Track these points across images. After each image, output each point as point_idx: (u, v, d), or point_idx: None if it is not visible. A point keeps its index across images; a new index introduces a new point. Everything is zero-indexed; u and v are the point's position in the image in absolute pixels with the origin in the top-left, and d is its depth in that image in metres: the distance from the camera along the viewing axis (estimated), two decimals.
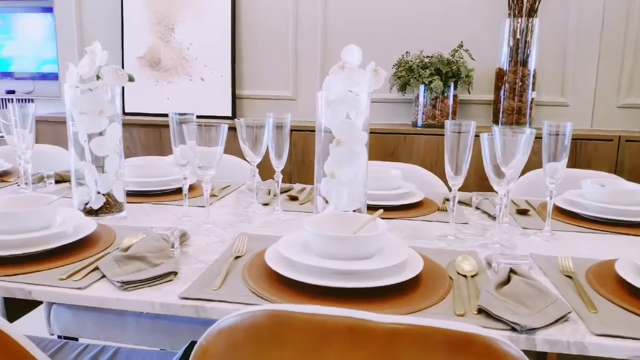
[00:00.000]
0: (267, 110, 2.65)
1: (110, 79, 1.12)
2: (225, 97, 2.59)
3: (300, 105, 2.68)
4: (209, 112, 2.60)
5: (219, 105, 2.60)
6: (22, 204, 0.99)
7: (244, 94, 2.70)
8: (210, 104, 2.61)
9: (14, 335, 0.66)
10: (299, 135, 2.26)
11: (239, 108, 2.71)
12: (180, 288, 0.80)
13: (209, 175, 1.09)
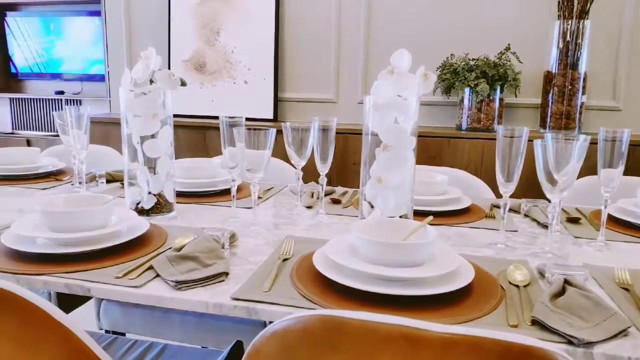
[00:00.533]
0: (309, 113, 2.68)
1: (164, 84, 1.15)
2: (268, 99, 2.62)
3: (341, 108, 2.69)
4: (251, 114, 2.63)
5: (261, 107, 2.63)
6: (79, 204, 1.03)
7: (285, 96, 2.72)
8: (253, 107, 2.65)
9: (75, 331, 0.69)
10: (340, 137, 2.26)
11: (281, 111, 2.74)
12: (231, 289, 0.81)
13: (257, 177, 1.10)
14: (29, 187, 1.48)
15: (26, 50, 4.97)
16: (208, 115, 2.70)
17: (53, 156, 1.77)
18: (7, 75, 5.12)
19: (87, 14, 4.71)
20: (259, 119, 2.63)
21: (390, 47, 2.49)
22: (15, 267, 0.86)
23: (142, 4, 2.90)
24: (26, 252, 0.90)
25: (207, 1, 2.67)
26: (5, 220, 1.12)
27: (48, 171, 1.62)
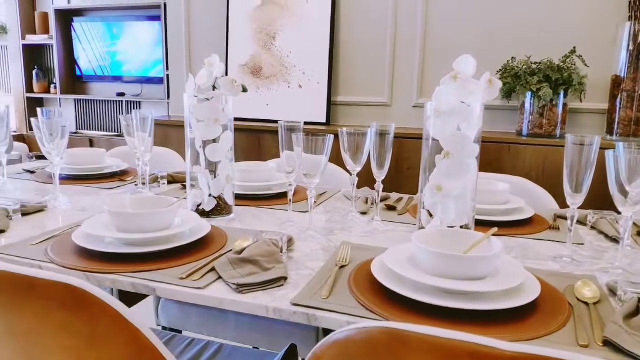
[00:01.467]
0: (361, 116, 2.67)
1: (226, 90, 1.18)
2: (321, 103, 2.64)
3: (395, 111, 2.66)
4: (304, 118, 2.65)
5: (314, 111, 2.65)
6: (145, 205, 1.07)
7: (338, 100, 2.73)
8: (306, 110, 2.67)
9: (143, 330, 0.72)
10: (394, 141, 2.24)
11: (333, 114, 2.74)
12: (290, 294, 0.82)
13: (314, 183, 1.11)
14: (95, 187, 1.55)
15: (90, 53, 5.23)
16: (262, 118, 2.74)
17: (116, 157, 1.85)
18: (72, 78, 5.40)
19: (147, 19, 4.90)
20: (312, 122, 2.65)
21: (447, 49, 2.47)
22: (85, 265, 0.90)
23: (201, 10, 2.98)
24: (95, 250, 0.94)
25: (264, 6, 2.71)
26: (74, 219, 1.18)
27: (112, 171, 1.69)
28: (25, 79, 5.47)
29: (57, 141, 1.30)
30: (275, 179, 1.54)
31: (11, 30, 5.44)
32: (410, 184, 2.12)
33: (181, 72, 3.09)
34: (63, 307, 0.70)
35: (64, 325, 0.71)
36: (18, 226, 1.13)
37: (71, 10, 5.22)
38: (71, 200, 1.36)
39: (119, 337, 0.71)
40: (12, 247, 0.99)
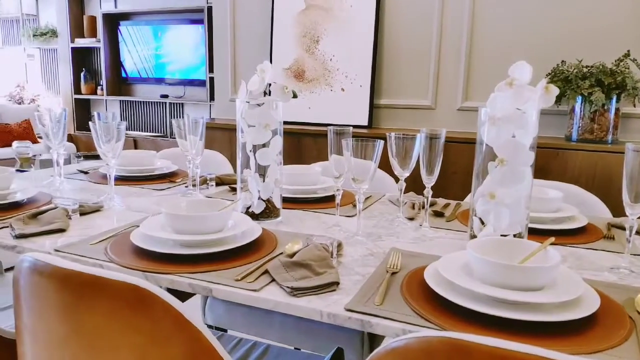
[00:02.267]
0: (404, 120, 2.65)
1: (278, 96, 1.20)
2: (363, 106, 2.64)
3: (439, 114, 2.64)
4: (346, 121, 2.66)
5: (356, 114, 2.66)
6: (199, 207, 1.10)
7: (381, 103, 2.72)
8: (348, 113, 2.67)
9: (203, 331, 0.74)
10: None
11: (376, 117, 2.74)
12: (343, 299, 0.82)
13: (362, 188, 1.11)
14: (146, 188, 1.60)
15: (135, 56, 5.39)
16: (304, 122, 2.76)
17: (166, 159, 1.90)
18: (118, 80, 5.59)
19: (190, 22, 5.01)
20: (354, 126, 2.65)
21: (494, 52, 2.44)
22: (143, 265, 0.94)
23: (246, 14, 3.03)
24: (152, 251, 0.97)
25: (308, 10, 2.74)
26: (130, 219, 1.23)
27: (163, 173, 1.74)
28: (74, 81, 5.69)
29: (112, 143, 1.35)
30: (321, 182, 1.55)
31: (61, 34, 5.67)
32: (455, 188, 2.10)
33: (226, 75, 3.14)
34: (129, 306, 0.73)
35: (128, 324, 0.74)
36: (77, 225, 1.18)
37: (118, 15, 5.40)
38: (125, 201, 1.41)
39: (180, 337, 0.74)
40: (74, 246, 1.03)
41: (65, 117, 1.53)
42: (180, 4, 5.01)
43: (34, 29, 5.90)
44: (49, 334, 0.80)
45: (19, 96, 5.99)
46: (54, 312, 0.78)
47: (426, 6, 2.59)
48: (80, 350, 0.77)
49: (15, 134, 5.02)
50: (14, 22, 6.20)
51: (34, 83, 6.26)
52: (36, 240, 1.07)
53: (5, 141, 4.91)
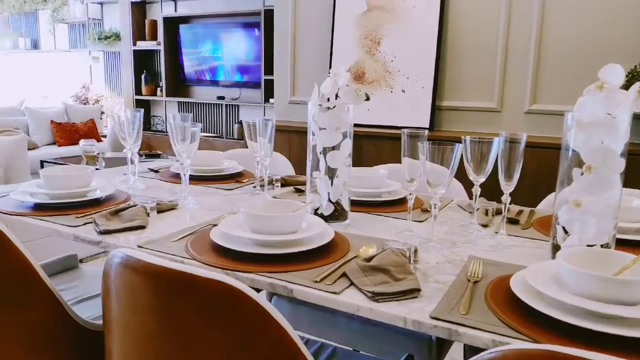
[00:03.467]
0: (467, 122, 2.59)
1: (350, 99, 1.20)
2: (425, 108, 2.60)
3: (505, 118, 2.56)
4: (406, 122, 2.63)
5: (417, 116, 2.62)
6: (274, 208, 1.12)
7: (443, 104, 2.68)
8: (409, 115, 2.65)
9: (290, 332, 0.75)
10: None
11: (438, 119, 2.70)
12: (425, 307, 0.81)
13: (438, 193, 1.09)
14: (214, 187, 1.64)
15: (193, 58, 5.55)
16: (363, 124, 2.75)
17: (232, 159, 1.94)
18: (176, 81, 5.76)
19: (247, 26, 5.11)
20: (415, 127, 2.61)
21: (565, 51, 2.35)
22: (224, 263, 0.96)
23: (308, 17, 3.05)
24: (231, 249, 0.99)
25: (370, 12, 2.73)
26: (204, 218, 1.26)
27: (230, 173, 1.78)
28: (135, 83, 5.92)
29: (187, 144, 1.39)
30: (386, 186, 1.54)
31: (124, 37, 5.91)
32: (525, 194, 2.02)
33: (285, 77, 3.18)
34: (219, 304, 0.74)
35: (218, 322, 0.75)
36: (155, 223, 1.22)
37: (178, 18, 5.57)
38: (197, 200, 1.44)
39: (267, 337, 0.75)
40: (155, 243, 1.07)
41: (141, 119, 1.59)
42: (237, 8, 5.12)
43: (98, 32, 6.18)
44: (140, 329, 0.83)
45: (84, 97, 6.29)
46: (145, 307, 0.81)
47: (493, 4, 2.52)
48: (171, 346, 0.79)
49: (81, 132, 5.27)
50: (81, 27, 6.52)
51: (97, 84, 6.56)
52: (119, 236, 1.11)
53: (72, 139, 5.17)
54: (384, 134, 2.61)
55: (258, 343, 0.75)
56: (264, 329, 0.75)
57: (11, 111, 5.63)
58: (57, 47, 6.75)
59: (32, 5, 6.54)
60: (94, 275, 1.65)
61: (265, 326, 0.75)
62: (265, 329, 0.75)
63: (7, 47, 7.25)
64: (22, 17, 7.06)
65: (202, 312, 0.76)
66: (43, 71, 7.19)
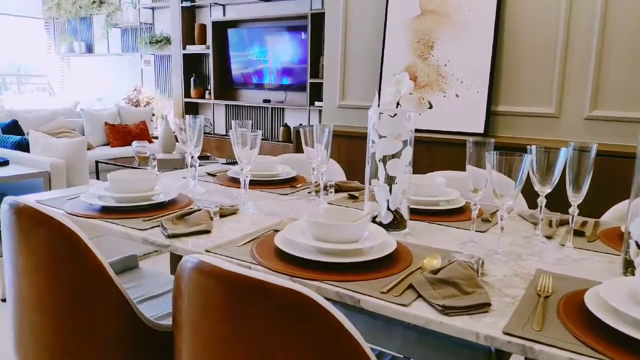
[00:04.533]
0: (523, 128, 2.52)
1: (412, 107, 1.19)
2: (479, 113, 2.56)
3: (563, 124, 2.48)
4: (460, 127, 2.60)
5: (471, 121, 2.58)
6: (335, 216, 1.13)
7: (498, 109, 2.62)
8: (462, 120, 2.61)
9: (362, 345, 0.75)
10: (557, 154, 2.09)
11: (493, 125, 2.64)
12: (497, 321, 0.80)
13: (506, 204, 1.07)
14: (268, 192, 1.66)
15: (240, 61, 5.64)
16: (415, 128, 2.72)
17: (284, 164, 1.97)
18: (224, 84, 5.88)
19: (293, 29, 5.15)
20: (468, 133, 2.57)
21: (629, 55, 2.24)
22: (289, 269, 0.97)
23: (359, 20, 3.05)
24: (296, 256, 1.00)
25: (423, 16, 2.71)
26: (265, 223, 1.28)
27: (284, 178, 1.80)
28: (184, 86, 6.08)
29: (246, 150, 1.42)
30: (444, 194, 1.52)
31: (174, 41, 6.08)
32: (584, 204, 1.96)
33: (335, 81, 3.19)
34: (292, 313, 0.76)
35: (289, 330, 0.76)
36: (218, 227, 1.25)
37: (226, 22, 5.68)
38: (255, 205, 1.47)
39: (340, 348, 0.76)
40: (222, 248, 1.09)
41: (201, 124, 1.63)
42: (284, 12, 5.18)
43: (149, 37, 6.38)
44: (211, 332, 0.85)
45: (136, 99, 6.50)
46: (217, 311, 0.83)
47: (552, 6, 2.45)
48: (242, 351, 0.81)
49: (134, 134, 5.45)
50: (133, 31, 6.75)
51: (148, 87, 6.77)
52: (186, 240, 1.15)
53: (125, 140, 5.36)
54: (436, 139, 2.57)
55: (330, 353, 0.76)
56: (337, 339, 0.76)
57: (68, 113, 5.88)
58: (110, 51, 7.01)
59: (87, 11, 6.82)
60: (153, 275, 1.70)
61: (338, 337, 0.76)
62: (338, 340, 0.76)
63: (63, 51, 7.59)
64: (78, 22, 7.38)
65: (274, 319, 0.77)
66: (96, 74, 7.49)
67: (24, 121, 4.79)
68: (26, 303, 1.19)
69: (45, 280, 1.14)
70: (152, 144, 5.17)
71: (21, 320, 1.21)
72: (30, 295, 1.17)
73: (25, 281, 1.17)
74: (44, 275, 1.14)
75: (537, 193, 1.19)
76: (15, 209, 1.15)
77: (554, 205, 1.36)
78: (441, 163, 2.26)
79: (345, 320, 0.76)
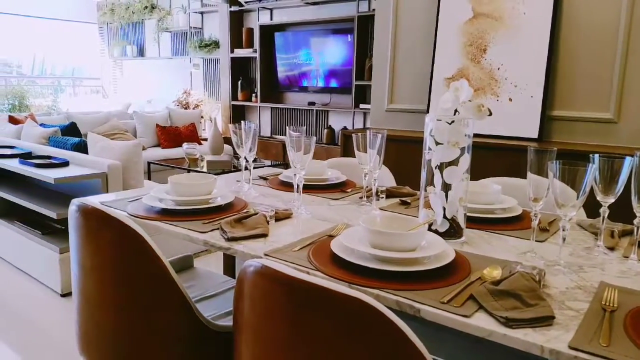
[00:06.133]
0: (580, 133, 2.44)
1: (472, 114, 1.18)
2: (534, 118, 2.49)
3: (622, 129, 2.38)
4: (513, 132, 2.54)
5: (524, 126, 2.52)
6: (392, 223, 1.13)
7: (554, 114, 2.55)
8: (515, 125, 2.55)
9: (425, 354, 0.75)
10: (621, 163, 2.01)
11: (547, 129, 2.57)
12: (562, 335, 0.79)
13: (568, 215, 1.05)
14: (318, 196, 1.68)
15: (286, 64, 5.71)
16: None
17: (334, 168, 1.98)
18: (270, 87, 5.96)
19: (338, 32, 5.17)
20: (521, 138, 2.51)
21: None
22: (346, 276, 0.98)
23: (409, 23, 3.04)
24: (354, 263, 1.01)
25: (476, 19, 2.67)
26: (319, 228, 1.29)
27: (335, 183, 1.82)
28: (231, 89, 6.20)
29: (300, 155, 1.44)
30: (500, 202, 1.49)
31: (222, 45, 6.22)
32: None
33: (383, 85, 3.18)
34: (354, 320, 0.77)
35: (354, 338, 0.78)
36: (274, 231, 1.28)
37: (273, 26, 5.76)
38: (308, 209, 1.49)
39: (401, 356, 0.76)
40: (279, 252, 1.12)
41: (255, 129, 1.67)
42: (331, 15, 5.20)
43: (199, 40, 6.54)
44: (273, 335, 0.87)
45: (185, 102, 6.69)
46: (280, 315, 0.85)
47: (613, 8, 2.36)
48: (303, 355, 0.83)
49: (184, 136, 5.61)
50: (183, 35, 6.94)
51: (197, 90, 6.95)
52: (245, 244, 1.18)
53: (176, 142, 5.52)
54: (488, 144, 2.53)
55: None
56: (401, 349, 0.76)
57: (120, 115, 6.12)
58: (161, 55, 7.23)
59: (140, 16, 7.06)
60: (207, 275, 1.75)
61: (403, 347, 0.76)
62: (402, 350, 0.76)
63: (116, 54, 7.89)
64: (130, 27, 7.66)
65: (338, 326, 0.78)
66: (147, 77, 7.75)
67: (80, 123, 5.01)
68: (91, 301, 1.24)
69: (110, 279, 1.20)
70: (201, 145, 5.31)
71: (86, 319, 1.27)
72: (95, 293, 1.23)
73: (90, 280, 1.23)
74: (108, 275, 1.20)
75: (597, 202, 1.16)
76: (83, 210, 1.21)
77: (614, 215, 1.32)
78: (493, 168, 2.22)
79: (409, 331, 0.77)
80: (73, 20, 8.01)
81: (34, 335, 2.34)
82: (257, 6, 5.76)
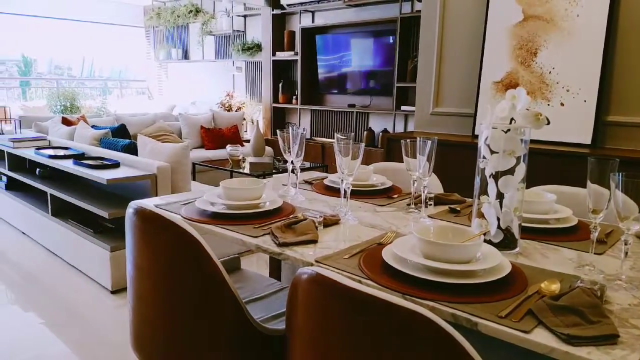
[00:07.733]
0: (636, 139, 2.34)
1: (529, 123, 1.15)
2: (587, 123, 2.41)
3: None
4: (564, 137, 2.46)
5: (577, 131, 2.44)
6: (446, 234, 1.12)
7: (609, 119, 2.45)
8: (567, 130, 2.47)
9: None
10: None
11: (602, 135, 2.47)
12: (628, 355, 0.76)
13: (633, 229, 1.01)
14: (363, 202, 1.68)
15: (327, 66, 5.72)
16: None
17: (379, 174, 1.97)
18: (311, 89, 5.99)
19: (379, 34, 5.14)
20: (573, 144, 2.43)
21: None
22: (399, 286, 0.97)
23: (456, 26, 2.99)
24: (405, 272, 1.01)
25: (526, 22, 2.60)
26: (368, 235, 1.29)
27: (381, 188, 1.81)
28: (273, 91, 6.27)
29: (348, 160, 1.44)
30: (553, 211, 1.45)
31: (265, 48, 6.29)
32: None
33: (429, 88, 3.15)
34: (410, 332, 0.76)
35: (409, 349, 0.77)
36: (323, 237, 1.29)
37: (315, 29, 5.79)
38: (355, 215, 1.49)
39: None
40: (330, 260, 1.12)
41: (303, 134, 1.68)
42: (372, 17, 5.19)
43: (241, 43, 6.65)
44: (328, 342, 0.88)
45: (228, 104, 6.80)
46: (334, 323, 0.85)
47: None
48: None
49: (226, 137, 5.71)
50: (226, 38, 7.07)
51: (239, 92, 7.06)
52: (295, 249, 1.19)
53: (219, 143, 5.63)
54: (539, 150, 2.46)
55: None
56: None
57: (165, 116, 6.28)
58: (205, 57, 7.39)
59: (185, 20, 7.23)
60: (255, 277, 1.78)
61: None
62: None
63: (162, 57, 8.11)
64: (175, 30, 7.86)
65: (393, 337, 0.78)
66: (191, 79, 7.93)
67: (128, 124, 5.18)
68: (145, 301, 1.28)
69: (164, 280, 1.23)
70: (243, 147, 5.39)
71: (139, 318, 1.31)
72: (149, 294, 1.27)
73: (145, 280, 1.27)
74: (162, 275, 1.23)
75: None
76: (140, 213, 1.25)
77: None
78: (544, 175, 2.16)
79: (467, 344, 0.76)
80: (121, 24, 8.30)
81: (86, 330, 2.44)
82: (299, 9, 5.81)
